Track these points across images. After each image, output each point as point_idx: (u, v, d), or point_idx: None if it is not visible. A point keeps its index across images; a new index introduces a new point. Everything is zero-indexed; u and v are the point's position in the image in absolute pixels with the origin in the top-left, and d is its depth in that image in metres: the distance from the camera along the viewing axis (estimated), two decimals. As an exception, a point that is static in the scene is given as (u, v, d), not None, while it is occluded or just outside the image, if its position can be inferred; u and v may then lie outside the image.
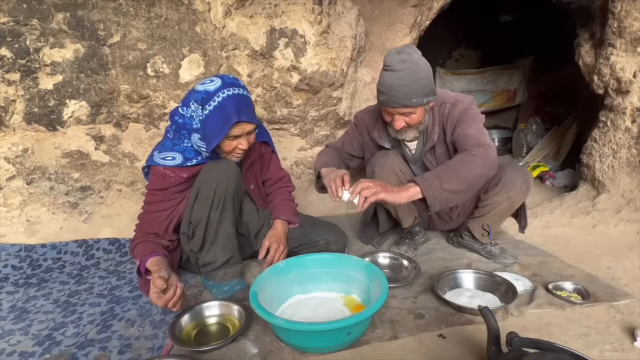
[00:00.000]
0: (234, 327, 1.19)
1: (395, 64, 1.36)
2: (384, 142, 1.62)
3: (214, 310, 1.26)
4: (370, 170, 1.59)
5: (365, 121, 1.69)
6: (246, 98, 1.32)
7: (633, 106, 2.04)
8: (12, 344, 1.14)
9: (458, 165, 1.31)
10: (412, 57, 1.36)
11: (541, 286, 1.38)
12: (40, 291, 1.46)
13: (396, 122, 1.45)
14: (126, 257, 1.75)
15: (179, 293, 1.14)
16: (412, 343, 1.11)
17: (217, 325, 1.22)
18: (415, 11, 2.36)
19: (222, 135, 1.26)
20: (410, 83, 1.35)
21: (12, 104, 1.69)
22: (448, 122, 1.50)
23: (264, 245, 1.42)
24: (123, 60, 1.76)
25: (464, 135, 1.42)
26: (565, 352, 0.85)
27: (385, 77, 1.39)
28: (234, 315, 1.24)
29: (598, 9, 2.22)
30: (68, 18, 1.65)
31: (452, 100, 1.53)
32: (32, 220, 1.80)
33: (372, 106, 1.74)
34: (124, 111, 1.83)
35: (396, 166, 1.56)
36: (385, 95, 1.39)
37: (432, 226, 1.84)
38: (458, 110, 1.49)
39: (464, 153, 1.36)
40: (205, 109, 1.27)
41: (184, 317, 1.20)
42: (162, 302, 1.12)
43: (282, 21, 1.93)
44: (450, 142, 1.50)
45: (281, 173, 1.67)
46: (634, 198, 2.03)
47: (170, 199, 1.37)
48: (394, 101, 1.38)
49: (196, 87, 1.32)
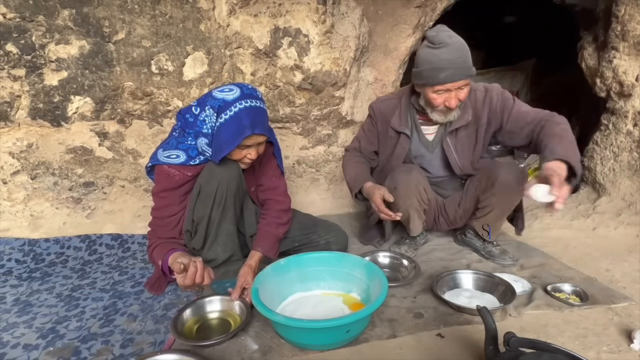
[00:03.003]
0: (235, 322, 1.21)
1: (446, 39, 1.39)
2: (403, 128, 1.62)
3: (216, 306, 1.28)
4: (392, 186, 1.56)
5: (382, 109, 1.69)
6: (262, 110, 1.32)
7: (635, 110, 2.04)
8: (16, 336, 1.16)
9: (570, 138, 1.34)
10: (451, 32, 1.42)
11: (540, 287, 1.39)
12: (44, 285, 1.48)
13: (452, 99, 1.45)
14: (128, 253, 1.76)
15: (200, 266, 1.18)
16: (411, 342, 1.12)
17: (218, 320, 1.24)
18: (419, 12, 2.37)
19: (233, 146, 1.26)
20: (463, 54, 1.40)
21: (17, 100, 1.70)
22: (486, 107, 1.55)
23: (239, 284, 1.29)
24: (127, 57, 1.77)
25: (525, 112, 1.50)
26: (562, 353, 0.86)
27: (441, 54, 1.39)
28: (235, 310, 1.26)
29: (602, 11, 2.22)
30: (74, 15, 1.66)
31: (481, 87, 1.60)
32: (36, 215, 1.82)
33: (386, 96, 1.75)
34: (127, 108, 1.84)
35: (420, 184, 1.57)
36: (447, 71, 1.39)
37: (436, 227, 1.84)
38: (495, 94, 1.55)
39: (556, 125, 1.38)
40: (221, 117, 1.26)
41: (185, 312, 1.22)
42: (189, 279, 1.15)
43: (286, 20, 1.93)
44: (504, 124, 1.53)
45: (276, 182, 1.53)
46: (634, 201, 2.03)
47: (179, 201, 1.37)
48: (459, 73, 1.40)
49: (214, 92, 1.30)
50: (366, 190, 1.57)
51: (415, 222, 1.64)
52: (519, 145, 1.58)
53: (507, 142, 1.61)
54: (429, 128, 1.64)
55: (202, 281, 1.19)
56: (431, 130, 1.64)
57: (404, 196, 1.55)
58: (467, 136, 1.60)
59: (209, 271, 1.24)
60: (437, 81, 1.42)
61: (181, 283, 1.18)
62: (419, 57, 1.46)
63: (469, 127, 1.58)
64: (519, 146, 1.60)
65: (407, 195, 1.55)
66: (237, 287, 1.28)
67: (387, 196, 1.47)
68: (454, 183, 1.74)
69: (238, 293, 1.27)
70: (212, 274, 1.25)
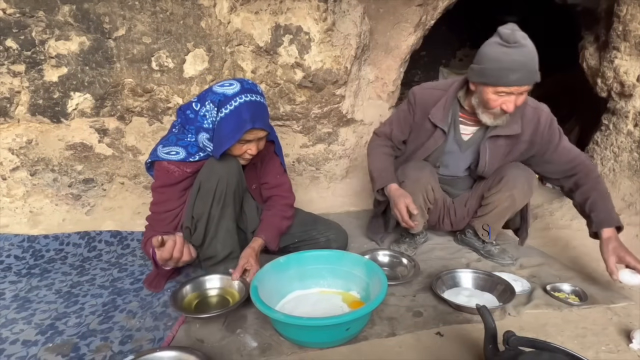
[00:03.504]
0: (234, 300, 1.23)
1: (521, 40, 1.31)
2: (443, 124, 1.55)
3: (215, 283, 1.31)
4: (400, 180, 1.56)
5: (426, 97, 1.60)
6: (262, 105, 1.32)
7: (636, 110, 2.04)
8: (15, 332, 1.16)
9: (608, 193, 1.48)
10: (524, 33, 1.34)
11: (539, 287, 1.39)
12: (43, 281, 1.47)
13: (512, 103, 1.36)
14: (128, 250, 1.76)
15: (179, 240, 1.19)
16: (410, 340, 1.12)
17: (217, 297, 1.28)
18: (420, 10, 2.36)
19: (234, 140, 1.26)
20: (535, 57, 1.34)
21: (17, 95, 1.70)
22: (532, 125, 1.51)
23: (240, 264, 1.32)
24: (128, 53, 1.76)
25: (568, 150, 1.52)
26: (561, 352, 0.86)
27: (514, 54, 1.31)
28: (234, 288, 1.28)
29: (603, 11, 2.22)
30: (74, 11, 1.66)
31: (532, 102, 1.54)
32: (35, 211, 1.81)
33: (434, 84, 1.67)
34: (127, 105, 1.84)
35: (429, 184, 1.55)
36: (518, 73, 1.31)
37: (439, 227, 1.82)
38: (545, 119, 1.51)
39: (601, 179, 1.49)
40: (221, 112, 1.26)
41: (186, 287, 1.26)
42: (166, 252, 1.16)
43: (287, 18, 1.93)
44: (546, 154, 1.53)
45: (280, 179, 1.57)
46: (634, 202, 2.03)
47: (177, 196, 1.37)
48: (529, 77, 1.32)
49: (214, 87, 1.31)
50: (391, 193, 1.52)
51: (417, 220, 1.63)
52: (548, 176, 1.60)
53: (537, 168, 1.59)
54: (467, 128, 1.57)
55: (181, 256, 1.19)
56: (468, 131, 1.58)
57: (410, 192, 1.52)
58: (505, 146, 1.54)
59: (189, 247, 1.24)
60: (504, 82, 1.33)
61: (159, 256, 1.18)
62: (486, 54, 1.35)
63: (511, 138, 1.52)
64: (548, 177, 1.61)
65: (413, 192, 1.52)
66: (239, 267, 1.30)
67: (412, 207, 1.43)
68: (466, 183, 1.72)
69: (239, 273, 1.29)
70: (194, 252, 1.26)
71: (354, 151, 2.41)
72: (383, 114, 2.46)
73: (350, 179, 2.48)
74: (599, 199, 1.44)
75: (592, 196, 1.45)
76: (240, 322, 1.20)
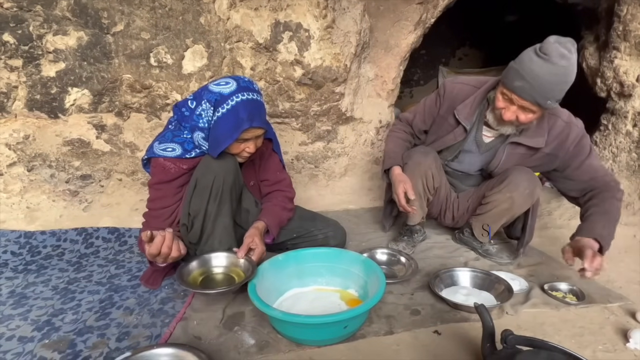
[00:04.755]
0: (239, 278, 1.24)
1: (553, 56, 1.22)
2: (467, 122, 1.52)
3: (222, 261, 1.31)
4: (404, 162, 1.58)
5: (455, 92, 1.57)
6: (259, 103, 1.31)
7: (635, 110, 2.04)
8: (11, 328, 1.15)
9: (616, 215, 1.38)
10: (572, 57, 1.23)
11: (537, 286, 1.40)
12: (40, 278, 1.47)
13: (509, 112, 1.33)
14: (125, 247, 1.75)
15: (168, 236, 1.16)
16: (408, 338, 1.12)
17: (223, 275, 1.28)
18: (420, 8, 2.36)
19: (232, 139, 1.26)
20: (558, 83, 1.24)
21: (14, 90, 1.68)
22: (558, 140, 1.45)
23: (246, 243, 1.32)
24: (126, 49, 1.75)
25: (594, 167, 1.44)
26: (559, 351, 0.86)
27: (535, 64, 1.24)
28: (240, 266, 1.28)
29: (604, 11, 2.22)
30: (72, 5, 1.64)
31: (566, 116, 1.47)
32: (32, 207, 1.80)
33: (467, 79, 1.63)
34: (126, 101, 1.83)
35: (430, 170, 1.54)
36: (524, 83, 1.25)
37: (440, 220, 1.82)
38: (575, 135, 1.44)
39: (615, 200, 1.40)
40: (218, 112, 1.25)
41: (192, 263, 1.26)
42: (154, 247, 1.13)
43: (287, 14, 1.92)
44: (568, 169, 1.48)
45: (280, 176, 1.58)
46: (632, 202, 2.04)
47: (174, 193, 1.36)
48: (530, 93, 1.26)
49: (210, 86, 1.29)
50: (393, 176, 1.53)
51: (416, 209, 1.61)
52: (567, 193, 1.54)
53: (557, 184, 1.56)
54: (490, 130, 1.53)
55: (170, 252, 1.17)
56: (491, 134, 1.55)
57: (410, 175, 1.52)
58: (523, 154, 1.51)
59: (178, 243, 1.22)
60: (509, 84, 1.31)
61: (147, 252, 1.15)
62: (522, 53, 1.32)
63: (531, 149, 1.49)
64: (565, 193, 1.55)
65: (413, 175, 1.52)
66: (244, 246, 1.30)
67: (410, 193, 1.45)
68: (475, 180, 1.71)
69: (244, 251, 1.29)
70: (183, 248, 1.24)
71: (353, 149, 2.40)
72: (382, 112, 2.46)
73: (349, 177, 2.47)
74: (599, 215, 1.36)
75: (593, 212, 1.38)
76: (237, 319, 1.20)
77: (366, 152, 2.46)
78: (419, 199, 1.58)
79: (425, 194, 1.59)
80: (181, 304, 1.28)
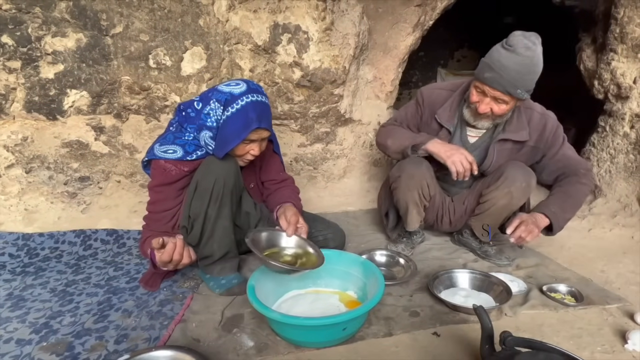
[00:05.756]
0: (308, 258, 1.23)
1: (518, 47, 1.31)
2: (449, 124, 1.58)
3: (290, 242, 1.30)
4: (396, 174, 1.58)
5: (433, 98, 1.64)
6: (267, 106, 1.34)
7: (632, 112, 2.05)
8: (9, 331, 1.15)
9: (577, 197, 1.49)
10: (536, 48, 1.33)
11: (535, 288, 1.40)
12: (38, 280, 1.46)
13: (484, 105, 1.41)
14: (124, 249, 1.75)
15: (179, 243, 1.16)
16: (407, 340, 1.12)
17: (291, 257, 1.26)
18: (419, 10, 2.36)
19: (240, 139, 1.27)
20: (525, 72, 1.33)
21: (12, 92, 1.68)
22: (537, 132, 1.54)
23: (294, 221, 1.33)
24: (125, 51, 1.75)
25: (567, 156, 1.55)
26: (557, 352, 0.86)
27: (502, 55, 1.34)
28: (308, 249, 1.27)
29: (601, 13, 2.23)
30: (71, 7, 1.64)
31: (539, 109, 1.57)
32: (30, 209, 1.80)
33: (442, 84, 1.72)
34: (124, 102, 1.83)
35: (425, 180, 1.55)
36: (493, 74, 1.35)
37: (437, 226, 1.83)
38: (551, 126, 1.54)
39: (579, 184, 1.49)
40: (228, 111, 1.27)
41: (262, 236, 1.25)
42: (166, 254, 1.14)
43: (286, 17, 1.92)
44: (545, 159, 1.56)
45: (284, 175, 1.64)
46: (629, 203, 2.05)
47: (175, 195, 1.36)
48: (499, 82, 1.35)
49: (220, 87, 1.31)
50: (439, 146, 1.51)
51: (413, 216, 1.63)
52: (541, 181, 1.61)
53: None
54: (473, 130, 1.60)
55: (181, 259, 1.17)
56: (474, 133, 1.61)
57: (405, 187, 1.54)
58: (512, 149, 1.58)
59: (189, 250, 1.22)
60: (480, 76, 1.40)
61: (159, 259, 1.16)
62: (492, 48, 1.41)
63: (518, 143, 1.56)
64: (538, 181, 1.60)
65: (408, 187, 1.54)
66: (292, 224, 1.31)
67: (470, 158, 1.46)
68: (467, 182, 1.71)
69: (293, 229, 1.30)
70: (193, 254, 1.24)
71: (351, 151, 2.41)
72: (381, 114, 2.46)
73: (348, 178, 2.48)
74: (557, 194, 1.49)
75: (554, 192, 1.51)
76: (236, 321, 1.20)
77: (365, 153, 2.46)
78: (415, 206, 1.61)
79: (422, 201, 1.61)
80: (180, 306, 1.28)
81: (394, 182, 1.61)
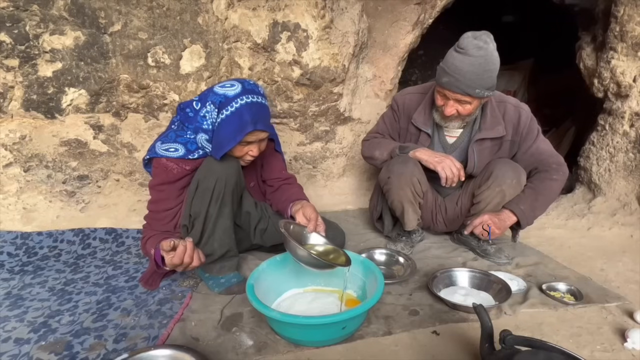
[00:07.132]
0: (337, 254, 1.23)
1: (470, 49, 1.33)
2: (426, 127, 1.60)
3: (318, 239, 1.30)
4: (386, 176, 1.58)
5: (406, 104, 1.66)
6: (263, 106, 1.32)
7: (632, 110, 2.05)
8: (7, 330, 1.14)
9: (547, 194, 1.51)
10: (488, 47, 1.35)
11: (535, 286, 1.40)
12: (36, 279, 1.46)
13: (448, 107, 1.43)
14: (123, 247, 1.75)
15: (190, 246, 1.16)
16: (406, 339, 1.12)
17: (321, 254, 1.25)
18: (418, 9, 2.36)
19: (235, 142, 1.25)
20: (480, 72, 1.34)
21: (10, 90, 1.67)
22: (512, 125, 1.55)
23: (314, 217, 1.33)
24: (124, 49, 1.74)
25: (540, 150, 1.55)
26: (557, 351, 0.86)
27: (455, 59, 1.36)
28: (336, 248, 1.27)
29: (601, 12, 2.23)
30: (69, 5, 1.63)
31: (513, 101, 1.58)
32: (29, 208, 1.79)
33: (413, 88, 1.72)
34: (123, 101, 1.82)
35: (415, 176, 1.55)
36: (450, 78, 1.36)
37: (434, 227, 1.83)
38: (525, 118, 1.55)
39: (550, 180, 1.50)
40: (222, 114, 1.25)
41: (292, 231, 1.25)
42: (177, 257, 1.13)
43: (285, 15, 1.92)
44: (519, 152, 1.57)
45: (287, 174, 1.64)
46: (629, 202, 2.05)
47: (176, 195, 1.35)
48: (457, 86, 1.36)
49: (215, 88, 1.30)
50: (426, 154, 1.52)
51: (410, 215, 1.63)
52: None
53: None
54: (450, 131, 1.61)
55: (191, 261, 1.17)
56: (453, 134, 1.62)
57: (397, 187, 1.54)
58: (492, 147, 1.59)
59: (198, 253, 1.21)
60: (439, 81, 1.42)
61: (169, 262, 1.15)
62: (447, 53, 1.43)
63: (496, 140, 1.58)
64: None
65: (400, 186, 1.54)
66: (313, 220, 1.31)
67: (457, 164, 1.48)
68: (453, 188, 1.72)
69: (314, 225, 1.31)
70: (203, 256, 1.23)
71: (351, 149, 2.40)
72: (380, 112, 2.45)
73: (348, 177, 2.47)
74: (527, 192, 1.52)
75: (525, 189, 1.52)
76: (236, 320, 1.20)
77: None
78: (411, 205, 1.61)
79: (416, 199, 1.61)
80: (179, 305, 1.28)
81: (385, 185, 1.61)
